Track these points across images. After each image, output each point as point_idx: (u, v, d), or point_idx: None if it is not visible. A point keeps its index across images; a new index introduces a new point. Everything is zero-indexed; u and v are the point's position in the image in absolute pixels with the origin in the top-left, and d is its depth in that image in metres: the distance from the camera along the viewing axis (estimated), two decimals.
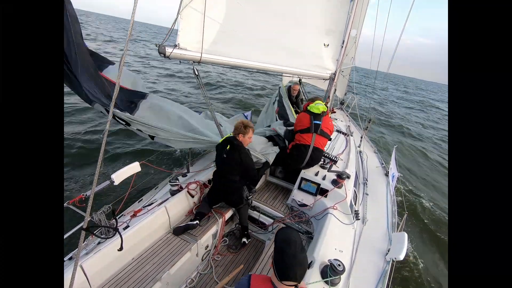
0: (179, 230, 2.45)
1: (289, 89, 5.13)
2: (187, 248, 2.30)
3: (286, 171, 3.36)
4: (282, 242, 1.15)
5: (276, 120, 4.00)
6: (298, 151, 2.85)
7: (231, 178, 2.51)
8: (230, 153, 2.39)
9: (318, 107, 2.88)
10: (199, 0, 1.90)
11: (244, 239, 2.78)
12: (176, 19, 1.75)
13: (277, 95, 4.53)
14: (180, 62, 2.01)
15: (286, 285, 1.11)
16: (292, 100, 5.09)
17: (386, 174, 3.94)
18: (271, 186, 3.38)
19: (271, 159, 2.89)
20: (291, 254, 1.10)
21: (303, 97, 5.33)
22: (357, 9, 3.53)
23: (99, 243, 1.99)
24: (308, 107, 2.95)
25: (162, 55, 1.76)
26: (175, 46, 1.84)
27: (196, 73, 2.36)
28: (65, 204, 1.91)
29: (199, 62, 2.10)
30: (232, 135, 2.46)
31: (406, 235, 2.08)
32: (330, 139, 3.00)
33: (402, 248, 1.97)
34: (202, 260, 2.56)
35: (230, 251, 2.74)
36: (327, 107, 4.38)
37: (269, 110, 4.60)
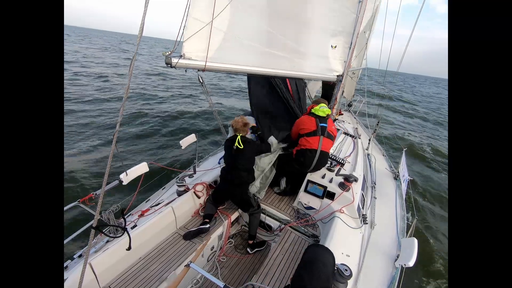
0: (190, 235, 2.43)
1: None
2: (193, 249, 2.31)
3: (291, 180, 3.16)
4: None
5: None
6: (304, 157, 2.77)
7: (239, 173, 2.53)
8: (240, 148, 2.49)
9: (323, 110, 2.84)
10: (202, 10, 1.92)
11: (249, 249, 2.73)
12: (182, 30, 1.80)
13: None
14: (186, 71, 2.07)
15: None
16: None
17: (395, 178, 3.86)
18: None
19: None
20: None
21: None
22: (367, 10, 3.48)
23: (107, 241, 2.03)
24: (313, 110, 2.89)
25: (169, 65, 1.82)
26: (180, 56, 1.90)
27: (201, 81, 2.43)
28: (75, 203, 1.97)
29: (203, 70, 2.13)
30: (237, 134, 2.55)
31: (416, 240, 2.02)
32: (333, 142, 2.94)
33: (412, 254, 1.91)
34: (208, 261, 2.57)
35: (238, 250, 2.75)
36: (335, 109, 4.33)
37: None
